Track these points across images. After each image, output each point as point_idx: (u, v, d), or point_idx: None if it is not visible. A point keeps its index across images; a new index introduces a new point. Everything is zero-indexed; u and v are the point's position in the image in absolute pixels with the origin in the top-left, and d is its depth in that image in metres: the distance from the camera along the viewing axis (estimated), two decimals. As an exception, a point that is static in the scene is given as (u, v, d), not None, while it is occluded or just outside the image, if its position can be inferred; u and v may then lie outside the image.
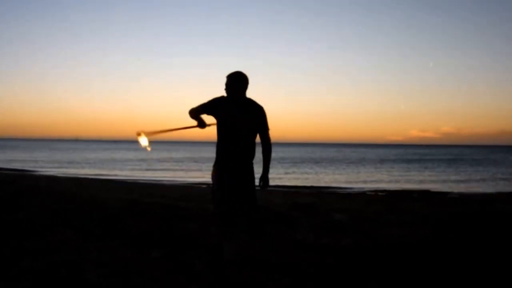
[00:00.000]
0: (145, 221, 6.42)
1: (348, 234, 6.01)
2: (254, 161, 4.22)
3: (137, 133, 4.46)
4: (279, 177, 24.84)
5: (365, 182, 23.93)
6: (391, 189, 18.81)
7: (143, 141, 4.45)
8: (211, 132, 4.38)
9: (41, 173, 24.77)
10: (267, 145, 4.25)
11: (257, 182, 4.22)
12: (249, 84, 4.22)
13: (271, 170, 4.27)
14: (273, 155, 4.33)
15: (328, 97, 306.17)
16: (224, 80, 4.20)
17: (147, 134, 4.45)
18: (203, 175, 26.35)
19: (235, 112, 4.12)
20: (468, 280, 3.99)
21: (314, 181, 23.71)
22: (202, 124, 4.36)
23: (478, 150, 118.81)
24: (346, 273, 4.13)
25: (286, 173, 29.15)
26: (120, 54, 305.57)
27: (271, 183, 4.29)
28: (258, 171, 4.17)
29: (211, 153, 4.31)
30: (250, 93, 4.31)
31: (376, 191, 16.91)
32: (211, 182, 4.28)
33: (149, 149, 4.48)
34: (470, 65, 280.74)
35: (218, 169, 4.17)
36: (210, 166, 4.30)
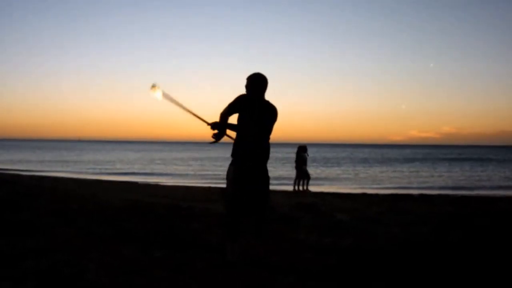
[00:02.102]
0: (147, 221, 6.44)
1: (350, 234, 6.02)
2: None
3: (152, 86, 4.32)
4: (281, 177, 24.83)
5: (366, 182, 23.91)
6: (392, 189, 18.78)
7: (157, 93, 4.30)
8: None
9: (44, 173, 24.80)
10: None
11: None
12: (266, 85, 4.28)
13: (273, 168, 4.32)
14: (275, 155, 4.39)
15: (329, 97, 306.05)
16: (230, 81, 4.27)
17: (163, 93, 4.31)
18: (206, 176, 26.36)
19: (256, 114, 4.17)
20: (469, 280, 3.99)
21: (316, 181, 23.70)
22: (215, 127, 4.26)
23: (479, 150, 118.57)
24: (348, 273, 4.13)
25: (289, 173, 29.13)
26: (123, 54, 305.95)
27: (275, 181, 4.35)
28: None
29: (215, 153, 4.34)
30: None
31: (377, 191, 16.88)
32: (223, 182, 4.32)
33: (159, 98, 4.29)
34: (470, 65, 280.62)
35: (236, 168, 4.20)
36: (213, 166, 4.32)
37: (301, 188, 14.65)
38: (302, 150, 14.68)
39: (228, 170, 4.33)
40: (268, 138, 4.33)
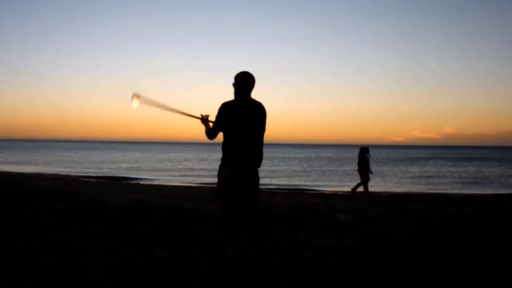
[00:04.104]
0: (149, 221, 6.45)
1: (351, 234, 6.02)
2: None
3: (134, 95, 4.41)
4: (283, 177, 24.85)
5: (368, 182, 23.85)
6: (394, 189, 18.78)
7: (134, 104, 4.41)
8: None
9: (47, 173, 24.84)
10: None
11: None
12: (255, 83, 4.30)
13: (275, 168, 4.32)
14: (278, 155, 4.39)
15: (330, 98, 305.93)
16: (230, 81, 4.29)
17: (143, 99, 4.41)
18: (208, 176, 26.37)
19: (242, 114, 4.19)
20: (470, 280, 4.00)
21: (317, 182, 23.70)
22: (205, 121, 4.38)
23: (480, 150, 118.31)
24: (350, 273, 4.14)
25: (290, 174, 29.15)
26: (125, 55, 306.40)
27: (276, 182, 4.35)
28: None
29: (218, 154, 4.35)
30: (257, 95, 4.39)
31: (379, 192, 16.87)
32: (216, 183, 4.33)
33: (134, 107, 4.41)
34: (472, 66, 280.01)
35: (226, 170, 4.22)
36: (215, 166, 4.34)
37: (358, 189, 14.21)
38: (364, 151, 14.12)
39: (219, 171, 4.32)
40: (260, 137, 4.31)
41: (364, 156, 13.93)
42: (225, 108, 4.25)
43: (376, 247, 5.17)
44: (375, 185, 21.85)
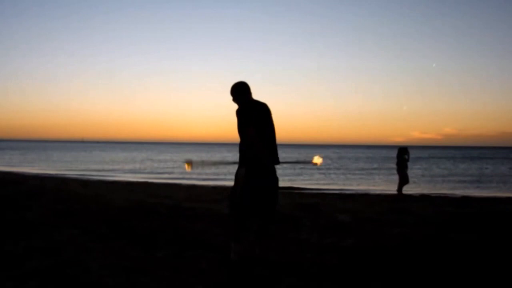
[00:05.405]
0: (150, 221, 6.48)
1: (351, 234, 6.04)
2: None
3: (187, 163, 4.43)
4: (284, 178, 24.85)
5: (367, 183, 23.90)
6: (394, 189, 18.76)
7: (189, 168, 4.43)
8: (219, 132, 4.47)
9: (48, 173, 24.87)
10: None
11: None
12: (250, 87, 4.35)
13: (279, 169, 4.36)
14: (278, 155, 4.45)
15: (330, 98, 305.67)
16: (230, 81, 4.34)
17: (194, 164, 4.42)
18: (208, 177, 26.38)
19: (258, 117, 4.21)
20: (470, 280, 4.02)
21: (317, 182, 23.71)
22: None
23: (480, 151, 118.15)
24: (349, 272, 4.16)
25: (290, 174, 29.15)
26: (127, 56, 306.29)
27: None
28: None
29: (219, 154, 4.39)
30: (257, 96, 4.44)
31: (379, 192, 16.88)
32: (232, 183, 4.36)
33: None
34: (472, 66, 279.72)
35: (245, 172, 4.22)
36: (215, 167, 4.36)
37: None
38: (403, 152, 13.87)
39: (238, 172, 4.30)
40: (273, 139, 4.35)
41: (402, 157, 13.87)
42: (253, 109, 4.24)
43: (376, 247, 5.20)
44: (376, 185, 21.91)
